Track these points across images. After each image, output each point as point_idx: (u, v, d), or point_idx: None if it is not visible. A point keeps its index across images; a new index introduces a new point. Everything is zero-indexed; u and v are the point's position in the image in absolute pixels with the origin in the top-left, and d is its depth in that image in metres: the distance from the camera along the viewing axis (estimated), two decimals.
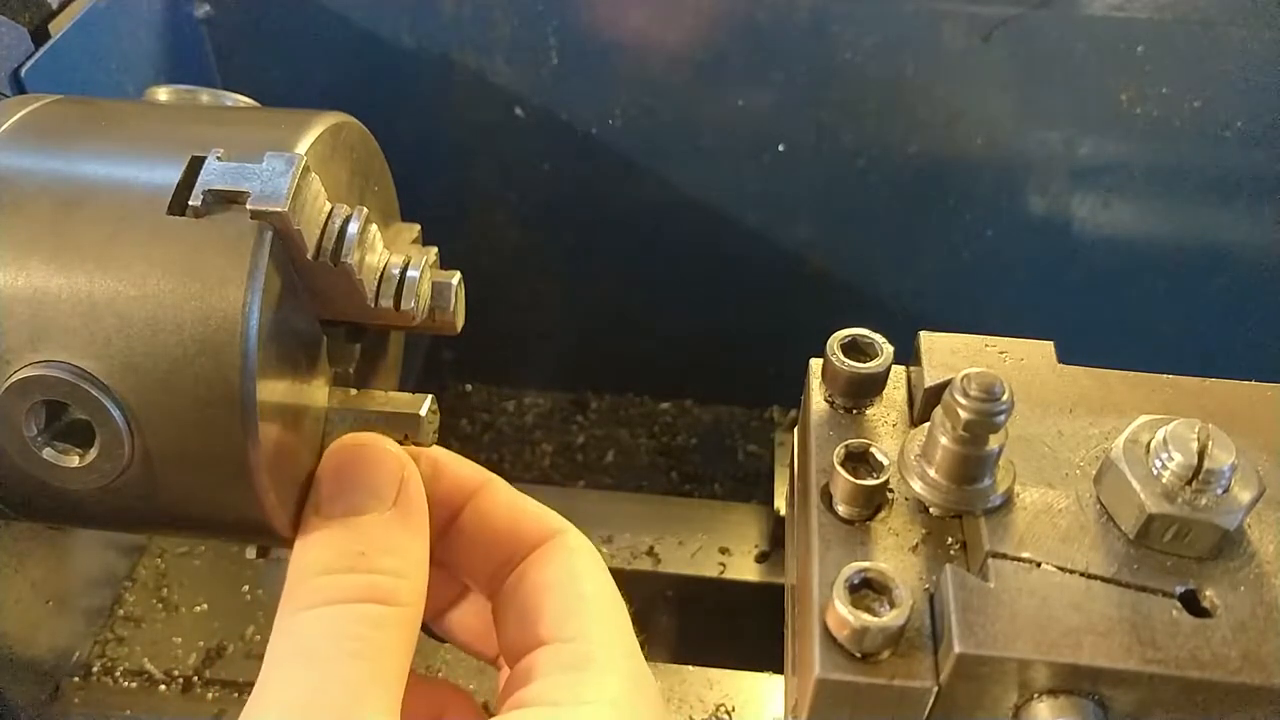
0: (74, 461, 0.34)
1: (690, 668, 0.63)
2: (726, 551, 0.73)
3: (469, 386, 0.91)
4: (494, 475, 0.44)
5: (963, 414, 0.35)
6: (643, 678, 0.37)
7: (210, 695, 0.64)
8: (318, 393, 0.39)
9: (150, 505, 0.36)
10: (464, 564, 0.43)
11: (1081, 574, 0.35)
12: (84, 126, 0.38)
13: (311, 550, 0.36)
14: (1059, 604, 0.34)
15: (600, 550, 0.72)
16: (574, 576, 0.40)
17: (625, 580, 0.71)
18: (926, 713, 0.34)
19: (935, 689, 0.33)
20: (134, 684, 0.64)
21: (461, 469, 0.43)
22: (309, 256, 0.35)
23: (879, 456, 0.38)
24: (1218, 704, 0.33)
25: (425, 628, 0.43)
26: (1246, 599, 0.34)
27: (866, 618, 0.33)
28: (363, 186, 0.42)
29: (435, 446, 0.43)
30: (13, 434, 0.34)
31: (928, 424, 0.38)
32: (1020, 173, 0.72)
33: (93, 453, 0.34)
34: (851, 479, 0.37)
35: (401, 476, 0.37)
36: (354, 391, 0.42)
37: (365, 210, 0.36)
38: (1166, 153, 0.70)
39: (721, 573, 0.72)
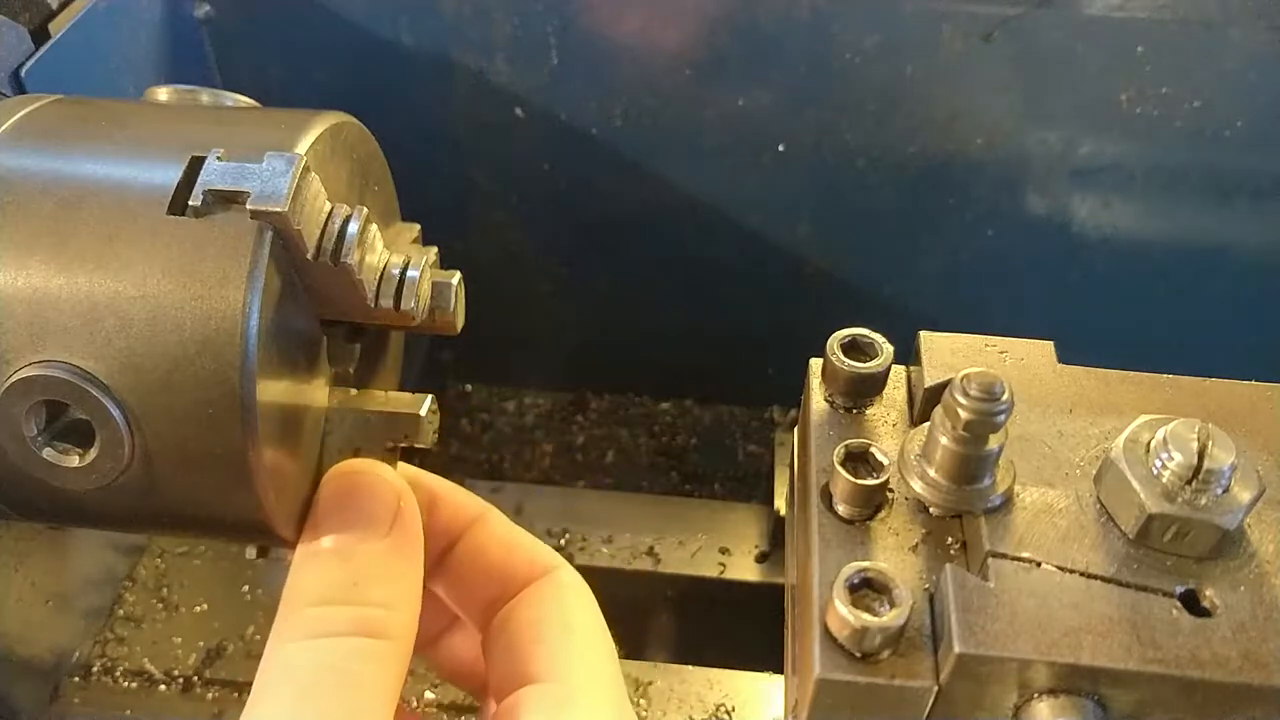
0: (74, 461, 0.34)
1: (690, 668, 0.63)
2: (726, 551, 0.73)
3: (469, 386, 0.91)
4: (490, 506, 0.44)
5: (963, 414, 0.35)
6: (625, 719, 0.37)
7: (210, 695, 0.64)
8: (318, 393, 0.39)
9: (150, 505, 0.36)
10: (457, 595, 0.43)
11: (1081, 574, 0.35)
12: (84, 126, 0.38)
13: (305, 579, 0.35)
14: (1059, 604, 0.34)
15: (600, 550, 0.72)
16: (564, 615, 0.40)
17: (625, 580, 0.72)
18: (926, 713, 0.34)
19: (935, 689, 0.33)
20: (134, 684, 0.64)
21: (458, 498, 0.43)
22: (309, 256, 0.35)
23: (879, 456, 0.38)
24: (1217, 704, 0.33)
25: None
26: (1246, 599, 0.34)
27: (866, 617, 0.33)
28: (363, 186, 0.42)
29: (434, 476, 0.43)
30: (13, 434, 0.34)
31: (928, 424, 0.38)
32: (1020, 173, 0.72)
33: (93, 453, 0.34)
34: (851, 479, 0.37)
35: (398, 506, 0.37)
36: (354, 391, 0.42)
37: (365, 210, 0.36)
38: (1166, 153, 0.70)
39: (721, 573, 0.72)
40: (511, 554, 0.42)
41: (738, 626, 0.71)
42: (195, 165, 0.35)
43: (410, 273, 0.38)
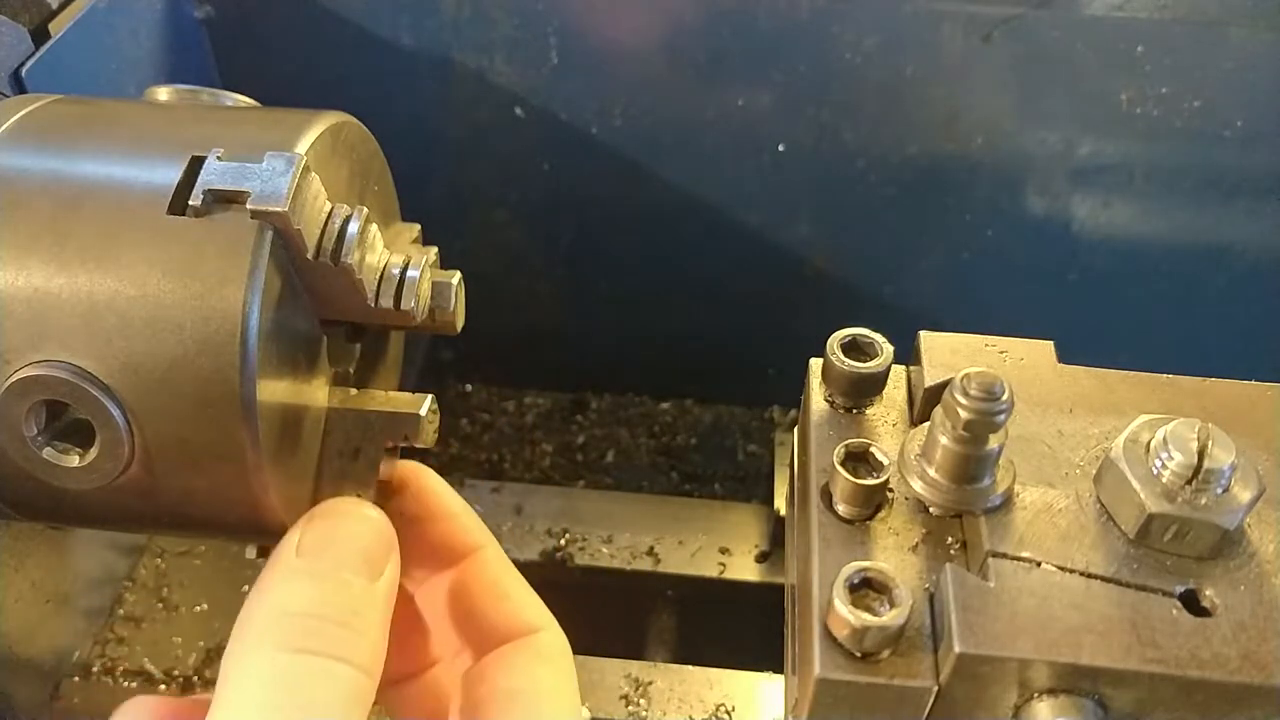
0: (74, 461, 0.34)
1: (690, 668, 0.63)
2: (726, 551, 0.73)
3: (469, 386, 0.91)
4: (492, 540, 0.42)
5: (963, 414, 0.35)
6: None
7: (210, 695, 0.64)
8: (318, 393, 0.39)
9: (150, 505, 0.36)
10: (433, 625, 0.42)
11: (1081, 573, 0.35)
12: (84, 126, 0.38)
13: (293, 591, 0.34)
14: (1059, 603, 0.34)
15: (600, 550, 0.72)
16: (535, 690, 0.38)
17: (625, 580, 0.72)
18: (926, 712, 0.34)
19: (935, 689, 0.33)
20: (134, 684, 0.64)
21: (464, 522, 0.42)
22: (309, 256, 0.35)
23: (879, 456, 0.38)
24: (1217, 703, 0.33)
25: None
26: (1246, 599, 0.34)
27: (866, 617, 0.33)
28: (363, 186, 0.42)
29: (448, 490, 0.42)
30: (13, 434, 0.34)
31: (928, 424, 0.38)
32: (1020, 173, 0.72)
33: (93, 452, 0.34)
34: (851, 479, 0.37)
35: (391, 558, 0.36)
36: (354, 391, 0.42)
37: (365, 210, 0.36)
38: (1166, 153, 0.70)
39: (721, 573, 0.72)
40: (500, 604, 0.40)
41: (738, 626, 0.71)
42: (195, 165, 0.35)
43: (410, 273, 0.38)
